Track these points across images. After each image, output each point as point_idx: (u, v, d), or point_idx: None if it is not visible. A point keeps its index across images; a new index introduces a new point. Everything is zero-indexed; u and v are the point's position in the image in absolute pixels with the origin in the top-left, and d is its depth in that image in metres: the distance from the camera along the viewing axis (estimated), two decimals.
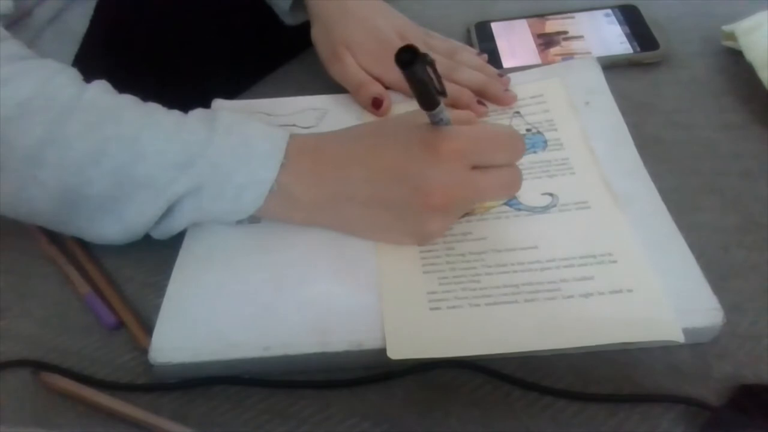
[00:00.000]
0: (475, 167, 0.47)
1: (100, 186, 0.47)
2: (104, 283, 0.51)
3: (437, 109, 0.45)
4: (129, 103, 0.49)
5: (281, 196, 0.48)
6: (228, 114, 0.49)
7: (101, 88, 0.49)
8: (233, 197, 0.48)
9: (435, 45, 0.65)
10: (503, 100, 0.60)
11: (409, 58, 0.40)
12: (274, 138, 0.49)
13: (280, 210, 0.50)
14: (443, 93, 0.44)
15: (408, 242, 0.49)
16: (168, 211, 0.49)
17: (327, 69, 0.64)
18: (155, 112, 0.49)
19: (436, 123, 0.47)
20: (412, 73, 0.41)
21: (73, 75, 0.49)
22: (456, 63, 0.62)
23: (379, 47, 0.62)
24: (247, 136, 0.48)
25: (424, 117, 0.47)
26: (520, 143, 0.50)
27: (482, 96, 0.60)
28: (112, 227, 0.49)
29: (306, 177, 0.49)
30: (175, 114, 0.49)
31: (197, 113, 0.50)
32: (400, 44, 0.61)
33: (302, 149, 0.49)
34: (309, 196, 0.49)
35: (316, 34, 0.65)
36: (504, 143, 0.49)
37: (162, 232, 0.50)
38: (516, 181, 0.50)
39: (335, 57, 0.63)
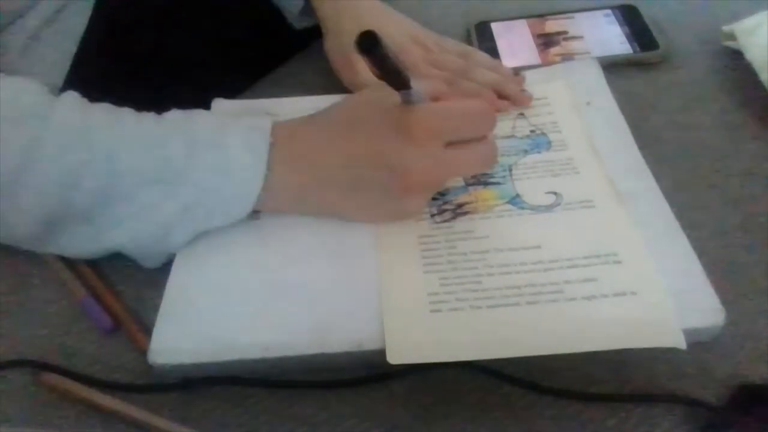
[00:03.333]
0: (449, 144, 0.48)
1: (82, 206, 0.47)
2: (101, 286, 0.51)
3: (411, 88, 0.46)
4: (100, 117, 0.48)
5: (264, 189, 0.48)
6: (206, 123, 0.49)
7: (69, 104, 0.48)
8: (223, 213, 0.49)
9: (449, 49, 0.65)
10: (520, 100, 0.60)
11: (370, 42, 0.41)
12: (256, 147, 0.48)
13: (264, 202, 0.49)
14: (407, 70, 0.45)
15: (387, 220, 0.50)
16: (165, 235, 0.49)
17: (340, 77, 0.65)
18: (127, 124, 0.48)
19: (409, 101, 0.47)
20: (377, 56, 0.42)
21: (39, 91, 0.48)
22: (471, 64, 0.62)
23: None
24: (227, 151, 0.48)
25: (394, 95, 0.47)
26: (491, 116, 0.50)
27: (499, 96, 0.60)
28: (92, 244, 0.49)
29: (284, 168, 0.49)
30: (149, 123, 0.49)
31: (172, 122, 0.49)
32: (414, 51, 0.62)
33: (282, 145, 0.49)
34: (290, 187, 0.49)
35: (330, 45, 0.65)
36: (476, 118, 0.50)
37: (161, 254, 0.50)
38: (491, 154, 0.50)
39: (348, 65, 0.63)
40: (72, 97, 0.49)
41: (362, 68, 0.63)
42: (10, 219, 0.47)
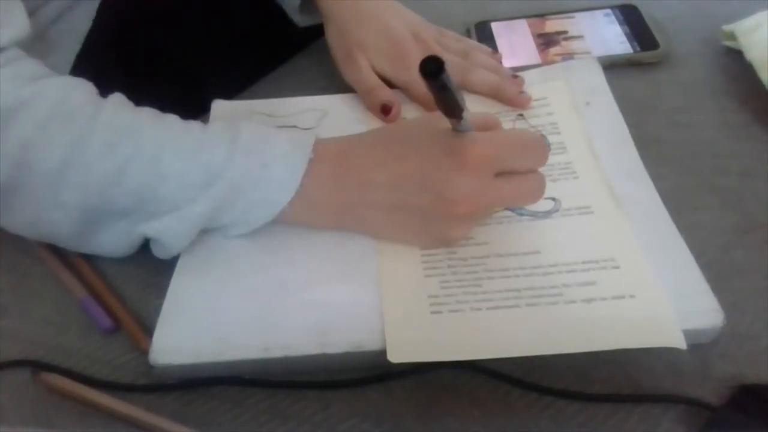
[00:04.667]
0: (498, 174, 0.47)
1: (122, 204, 0.47)
2: (101, 285, 0.51)
3: (463, 117, 0.44)
4: (147, 119, 0.48)
5: (303, 202, 0.48)
6: (250, 131, 0.49)
7: (118, 103, 0.48)
8: (243, 211, 0.49)
9: (449, 45, 0.64)
10: (518, 102, 0.60)
11: (434, 68, 0.39)
12: (293, 161, 0.48)
13: (302, 216, 0.49)
14: (463, 102, 0.43)
15: (431, 245, 0.49)
16: (187, 232, 0.49)
17: (341, 71, 0.64)
18: (174, 128, 0.49)
19: (459, 129, 0.46)
20: (438, 84, 0.40)
21: (88, 90, 0.49)
22: (470, 64, 0.62)
23: (393, 47, 0.62)
24: (265, 158, 0.48)
25: (444, 120, 0.46)
26: (544, 149, 0.49)
27: (497, 98, 0.60)
28: (126, 239, 0.49)
29: (328, 184, 0.48)
30: (195, 129, 0.49)
31: (218, 128, 0.49)
32: (413, 44, 0.62)
33: (325, 163, 0.48)
34: (329, 205, 0.49)
35: (331, 36, 0.65)
36: (529, 149, 0.48)
37: (178, 249, 0.50)
38: (540, 187, 0.49)
39: (349, 59, 0.63)
40: (120, 97, 0.49)
41: (363, 65, 0.63)
42: (53, 215, 0.47)
